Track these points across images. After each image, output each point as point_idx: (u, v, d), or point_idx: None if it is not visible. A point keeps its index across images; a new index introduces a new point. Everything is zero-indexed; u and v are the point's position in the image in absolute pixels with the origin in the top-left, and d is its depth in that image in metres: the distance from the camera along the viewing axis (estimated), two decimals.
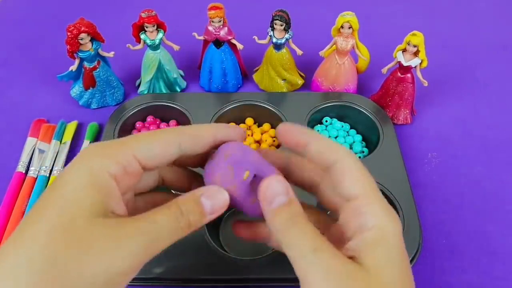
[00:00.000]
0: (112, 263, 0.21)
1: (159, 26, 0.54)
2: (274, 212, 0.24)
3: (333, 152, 0.25)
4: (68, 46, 0.50)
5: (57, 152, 0.51)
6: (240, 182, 0.25)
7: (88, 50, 0.52)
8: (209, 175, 0.26)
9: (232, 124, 0.54)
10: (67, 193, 0.22)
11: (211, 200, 0.24)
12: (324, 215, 0.29)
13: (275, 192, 0.24)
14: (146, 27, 0.53)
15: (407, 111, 0.55)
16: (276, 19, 0.52)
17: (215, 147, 0.27)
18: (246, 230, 0.29)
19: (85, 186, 0.22)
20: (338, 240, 0.25)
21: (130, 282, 0.22)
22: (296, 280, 0.23)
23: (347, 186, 0.24)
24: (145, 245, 0.22)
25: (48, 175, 0.49)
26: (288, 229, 0.23)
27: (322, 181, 0.28)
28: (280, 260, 0.38)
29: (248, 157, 0.26)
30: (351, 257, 0.23)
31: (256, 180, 0.26)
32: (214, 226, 0.45)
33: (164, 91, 0.58)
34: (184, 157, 0.26)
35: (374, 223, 0.23)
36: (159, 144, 0.24)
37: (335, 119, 0.55)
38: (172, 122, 0.55)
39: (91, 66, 0.54)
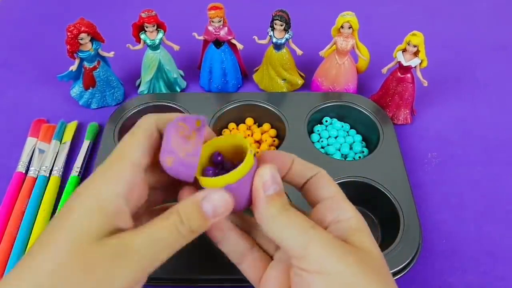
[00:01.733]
0: (115, 282, 0.22)
1: (159, 26, 0.54)
2: (268, 198, 0.25)
3: (312, 168, 0.29)
4: (68, 46, 0.50)
5: (57, 152, 0.51)
6: (198, 135, 0.25)
7: (88, 50, 0.52)
8: (163, 150, 0.25)
9: (232, 124, 0.54)
10: (73, 219, 0.22)
11: (212, 203, 0.24)
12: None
13: (273, 180, 0.26)
14: (146, 27, 0.53)
15: (407, 111, 0.55)
16: (276, 19, 0.52)
17: None
18: None
19: (90, 211, 0.22)
20: None
21: None
22: None
23: (325, 188, 0.28)
24: (146, 262, 0.23)
25: (48, 175, 0.49)
26: (281, 213, 0.25)
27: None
28: None
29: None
30: None
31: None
32: None
33: (164, 91, 0.58)
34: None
35: (352, 214, 0.26)
36: (145, 140, 0.25)
37: (335, 119, 0.55)
38: None
39: (91, 66, 0.54)
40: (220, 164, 0.27)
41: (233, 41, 0.55)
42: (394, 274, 0.39)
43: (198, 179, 0.25)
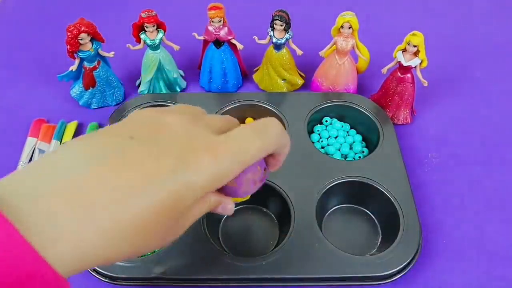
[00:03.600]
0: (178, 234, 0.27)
1: (159, 26, 0.54)
2: None
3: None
4: (68, 46, 0.50)
5: None
6: (262, 175, 0.31)
7: (88, 50, 0.52)
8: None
9: None
10: None
11: (225, 209, 0.30)
12: None
13: None
14: (146, 27, 0.53)
15: (407, 111, 0.55)
16: (276, 19, 0.52)
17: None
18: None
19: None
20: None
21: (130, 282, 0.22)
22: (296, 280, 0.23)
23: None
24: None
25: None
26: None
27: None
28: (280, 260, 0.39)
29: None
30: None
31: None
32: (214, 226, 0.45)
33: (164, 91, 0.58)
34: None
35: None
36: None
37: (335, 119, 0.55)
38: None
39: (91, 66, 0.54)
40: None
41: (233, 41, 0.55)
42: (394, 274, 0.40)
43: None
